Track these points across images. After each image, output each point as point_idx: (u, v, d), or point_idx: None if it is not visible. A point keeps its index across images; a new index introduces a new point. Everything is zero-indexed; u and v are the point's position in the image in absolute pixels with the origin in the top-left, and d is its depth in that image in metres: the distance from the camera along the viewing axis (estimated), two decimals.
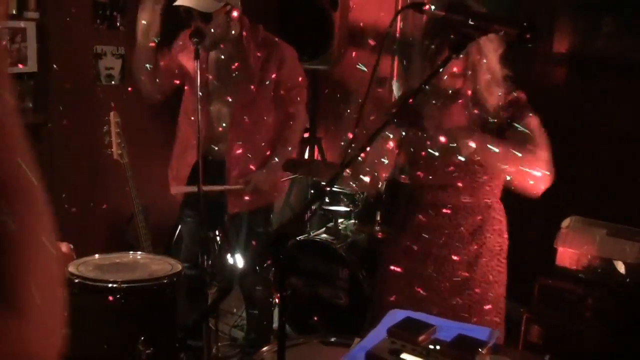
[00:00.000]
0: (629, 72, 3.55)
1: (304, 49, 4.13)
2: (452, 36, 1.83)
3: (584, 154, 3.64)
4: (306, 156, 4.44)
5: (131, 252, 2.82)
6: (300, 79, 3.07)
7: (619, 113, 3.57)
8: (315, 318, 3.45)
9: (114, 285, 2.42)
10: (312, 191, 3.97)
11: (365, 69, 3.07)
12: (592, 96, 3.66)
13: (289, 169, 3.21)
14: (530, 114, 2.08)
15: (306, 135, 4.52)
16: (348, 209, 3.67)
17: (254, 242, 3.09)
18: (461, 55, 1.84)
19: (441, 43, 1.95)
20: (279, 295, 1.28)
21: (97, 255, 2.70)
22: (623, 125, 3.55)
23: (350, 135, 1.90)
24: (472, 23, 1.56)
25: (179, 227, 3.53)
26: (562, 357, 1.50)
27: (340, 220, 3.66)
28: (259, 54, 2.93)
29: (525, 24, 1.56)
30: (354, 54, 4.17)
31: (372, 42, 3.84)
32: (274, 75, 2.95)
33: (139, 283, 2.49)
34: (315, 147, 4.42)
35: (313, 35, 4.05)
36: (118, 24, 3.73)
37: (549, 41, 3.79)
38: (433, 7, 1.64)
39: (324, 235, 3.59)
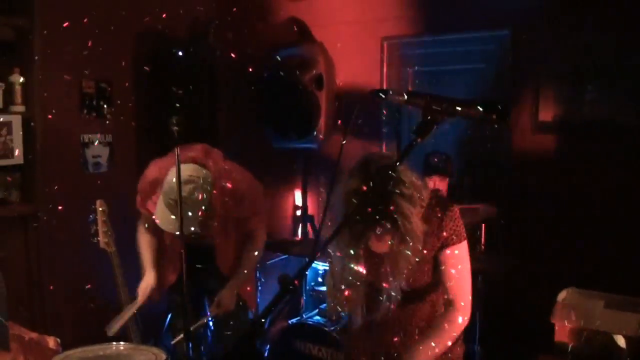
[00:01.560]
0: (615, 136, 3.56)
1: (292, 129, 4.18)
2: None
3: (576, 222, 3.61)
4: (299, 234, 4.40)
5: (114, 343, 2.73)
6: (259, 208, 3.10)
7: (607, 178, 3.55)
8: None
9: None
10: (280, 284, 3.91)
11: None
12: (579, 163, 3.66)
13: (280, 250, 3.19)
14: (457, 246, 2.06)
15: (298, 213, 4.51)
16: None
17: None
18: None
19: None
20: None
21: (79, 349, 2.63)
22: (612, 191, 3.53)
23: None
24: (435, 107, 1.55)
25: (169, 315, 3.46)
26: None
27: None
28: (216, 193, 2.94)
29: (488, 104, 1.55)
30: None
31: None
32: (234, 214, 2.98)
33: None
34: (308, 225, 4.39)
35: (300, 115, 4.10)
36: (105, 112, 3.79)
37: (534, 110, 3.82)
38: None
39: (317, 318, 3.50)
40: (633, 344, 2.68)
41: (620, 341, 2.71)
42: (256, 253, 3.09)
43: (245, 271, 3.08)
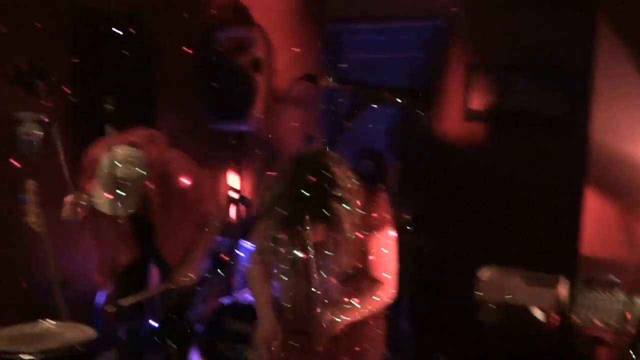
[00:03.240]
0: (542, 126, 3.77)
1: (228, 111, 4.21)
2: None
3: (502, 206, 3.81)
4: (234, 216, 4.45)
5: (41, 321, 2.76)
6: (203, 195, 3.14)
7: (535, 166, 3.76)
8: None
9: (31, 357, 2.39)
10: None
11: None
12: (507, 151, 3.86)
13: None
14: (388, 231, 2.15)
15: (235, 195, 4.55)
16: None
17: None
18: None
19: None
20: None
21: (7, 327, 2.64)
22: (538, 178, 3.74)
23: None
24: (362, 93, 1.64)
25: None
26: None
27: None
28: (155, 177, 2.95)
29: (411, 92, 1.65)
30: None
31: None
32: (176, 201, 3.01)
33: (54, 352, 2.46)
34: (242, 206, 4.44)
35: (237, 97, 4.13)
36: (39, 90, 3.70)
37: (465, 99, 3.99)
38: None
39: (250, 296, 3.56)
40: (549, 317, 2.90)
41: (538, 313, 2.91)
42: (208, 237, 3.16)
43: (197, 253, 3.13)
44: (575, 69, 3.57)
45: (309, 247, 1.91)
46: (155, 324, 3.18)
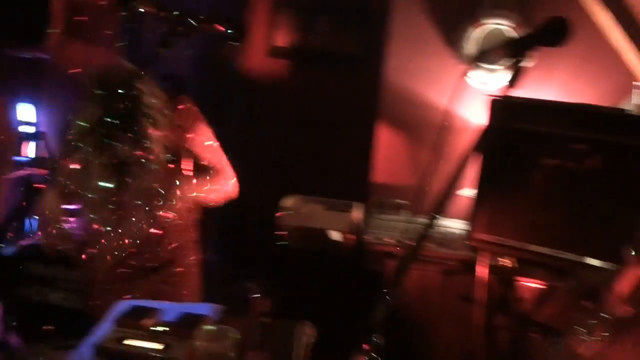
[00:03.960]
0: (340, 65, 4.01)
1: (20, 35, 3.85)
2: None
3: (302, 139, 4.04)
4: (32, 153, 4.15)
5: None
6: None
7: (335, 104, 4.01)
8: (47, 326, 3.28)
9: None
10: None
11: None
12: (309, 88, 4.05)
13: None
14: (197, 128, 2.20)
15: (31, 130, 4.23)
16: None
17: None
18: None
19: None
20: None
21: None
22: (334, 114, 4.01)
23: None
24: (175, 20, 1.65)
25: None
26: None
27: None
28: None
29: (230, 21, 1.69)
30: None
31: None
32: None
33: None
34: (39, 142, 4.15)
35: (29, 20, 3.78)
36: None
37: (270, 35, 4.08)
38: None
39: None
40: (345, 237, 3.20)
41: (335, 235, 3.21)
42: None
43: None
44: (373, 13, 3.83)
45: (120, 174, 1.91)
46: None
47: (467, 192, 2.85)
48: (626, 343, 1.34)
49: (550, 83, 3.40)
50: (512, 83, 1.26)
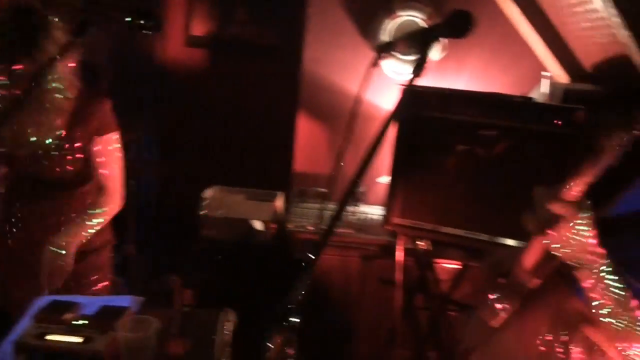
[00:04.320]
0: (259, 55, 4.02)
1: None
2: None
3: (222, 130, 4.03)
4: None
5: None
6: None
7: (253, 93, 4.02)
8: None
9: None
10: None
11: None
12: (227, 78, 4.04)
13: None
14: (107, 137, 2.18)
15: None
16: None
17: None
18: None
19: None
20: None
21: None
22: (254, 104, 4.02)
23: None
24: (89, 9, 1.62)
25: None
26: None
27: None
28: None
29: (143, 12, 1.67)
30: None
31: None
32: None
33: None
34: None
35: None
36: None
37: (187, 24, 4.03)
38: None
39: None
40: (268, 226, 3.24)
41: (258, 225, 3.23)
42: None
43: None
44: (291, 2, 3.85)
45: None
46: None
47: (386, 179, 2.94)
48: (535, 312, 1.41)
49: (463, 72, 3.54)
50: (417, 72, 1.32)
